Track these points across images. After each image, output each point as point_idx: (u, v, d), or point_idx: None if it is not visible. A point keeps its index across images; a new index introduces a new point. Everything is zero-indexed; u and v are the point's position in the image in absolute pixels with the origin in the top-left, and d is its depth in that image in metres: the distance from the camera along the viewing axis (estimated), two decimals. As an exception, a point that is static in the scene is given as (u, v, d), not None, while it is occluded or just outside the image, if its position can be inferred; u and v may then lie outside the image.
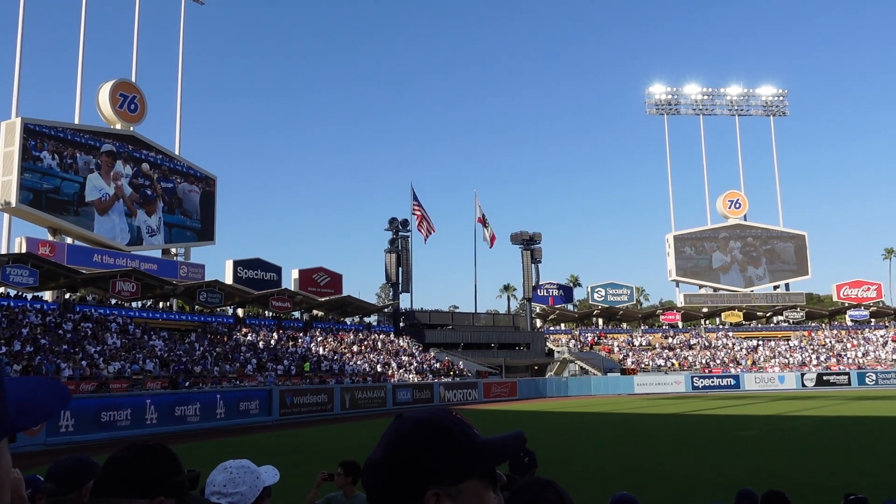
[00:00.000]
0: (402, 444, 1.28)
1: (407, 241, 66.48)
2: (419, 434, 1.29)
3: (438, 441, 1.28)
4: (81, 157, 46.48)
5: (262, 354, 45.82)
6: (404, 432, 1.30)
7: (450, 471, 1.26)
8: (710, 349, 69.28)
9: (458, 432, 1.30)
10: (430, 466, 1.26)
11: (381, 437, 1.33)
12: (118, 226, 49.00)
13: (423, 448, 1.27)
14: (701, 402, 45.62)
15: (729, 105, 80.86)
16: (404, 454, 1.27)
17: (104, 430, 27.78)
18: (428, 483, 1.25)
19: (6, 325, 35.31)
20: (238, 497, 2.51)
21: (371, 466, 1.30)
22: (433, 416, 1.33)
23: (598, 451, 21.34)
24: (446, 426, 1.30)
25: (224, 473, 2.57)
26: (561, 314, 76.86)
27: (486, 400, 50.54)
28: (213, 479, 2.58)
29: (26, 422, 0.83)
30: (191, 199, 54.44)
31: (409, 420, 1.33)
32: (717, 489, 13.57)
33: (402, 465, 1.26)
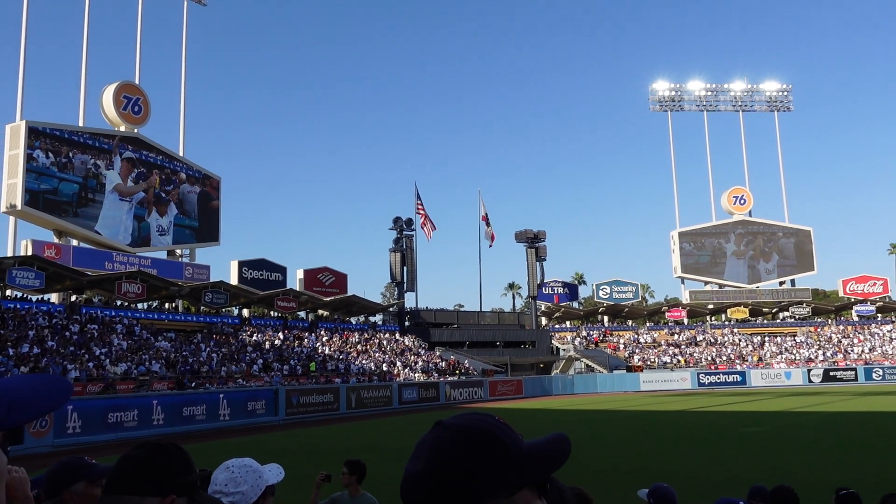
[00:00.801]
0: (450, 455, 1.18)
1: (411, 240, 66.54)
2: (468, 444, 1.19)
3: (490, 452, 1.18)
4: (78, 157, 46.43)
5: (268, 354, 45.90)
6: (452, 442, 1.19)
7: (504, 483, 1.18)
8: (715, 346, 69.16)
9: (508, 440, 1.21)
10: (484, 479, 1.16)
11: (420, 447, 1.22)
12: (123, 224, 49.00)
13: (475, 460, 1.17)
14: (707, 399, 45.55)
15: (733, 101, 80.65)
16: (455, 467, 1.16)
17: (111, 430, 27.89)
18: (481, 497, 1.15)
19: (13, 327, 35.44)
20: (239, 496, 2.51)
21: (414, 480, 1.19)
22: (479, 423, 1.23)
23: (604, 449, 21.31)
24: (495, 434, 1.21)
25: (226, 472, 2.57)
26: (566, 312, 76.82)
27: (491, 398, 50.55)
28: (215, 478, 2.58)
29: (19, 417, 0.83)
30: (191, 200, 54.49)
31: (455, 427, 1.22)
32: (723, 486, 13.55)
33: (452, 478, 1.16)
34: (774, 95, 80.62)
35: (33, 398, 0.87)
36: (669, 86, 79.96)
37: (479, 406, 45.06)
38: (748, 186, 79.34)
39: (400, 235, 66.15)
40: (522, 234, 71.69)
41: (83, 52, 49.60)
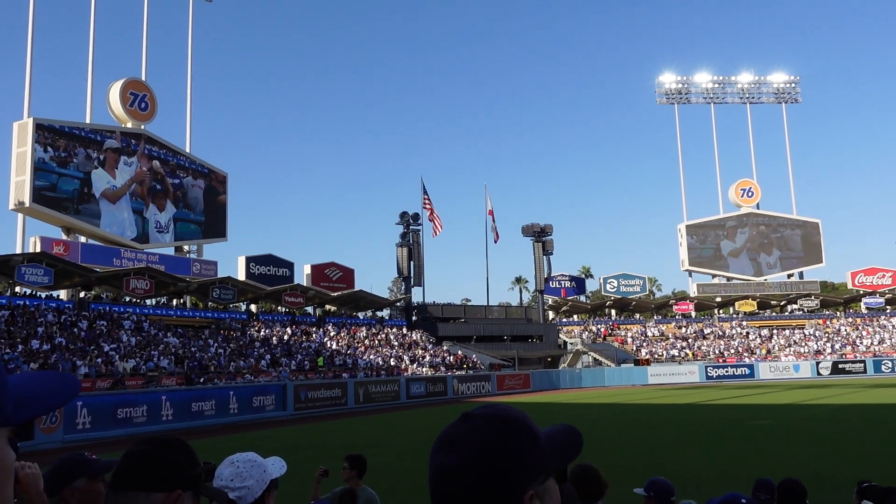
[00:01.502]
0: (492, 444, 1.18)
1: (418, 235, 66.57)
2: (511, 432, 1.20)
3: (527, 438, 1.21)
4: (82, 152, 46.40)
5: (276, 350, 46.04)
6: (494, 431, 1.20)
7: (541, 470, 1.21)
8: (723, 339, 69.01)
9: (536, 428, 1.25)
10: (526, 467, 1.18)
11: (450, 438, 1.21)
12: (127, 220, 48.98)
13: (519, 447, 1.19)
14: (715, 392, 45.47)
15: (740, 93, 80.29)
16: (499, 455, 1.17)
17: (121, 426, 28.03)
18: (525, 484, 1.17)
19: (23, 323, 35.64)
20: (245, 491, 2.51)
21: (453, 473, 1.17)
22: (510, 411, 1.25)
23: (612, 443, 21.31)
24: (529, 423, 1.24)
25: (231, 468, 2.57)
26: (573, 306, 76.77)
27: (499, 392, 50.59)
28: (220, 474, 2.58)
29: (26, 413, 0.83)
30: (196, 194, 54.47)
31: (496, 418, 1.23)
32: (731, 479, 13.53)
33: (500, 467, 1.16)
34: (782, 87, 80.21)
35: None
36: (676, 78, 79.65)
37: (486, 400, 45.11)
38: (756, 179, 79.07)
39: (406, 230, 66.19)
40: (529, 228, 71.62)
41: (90, 50, 49.72)
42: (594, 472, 4.28)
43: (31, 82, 46.16)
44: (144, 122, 50.88)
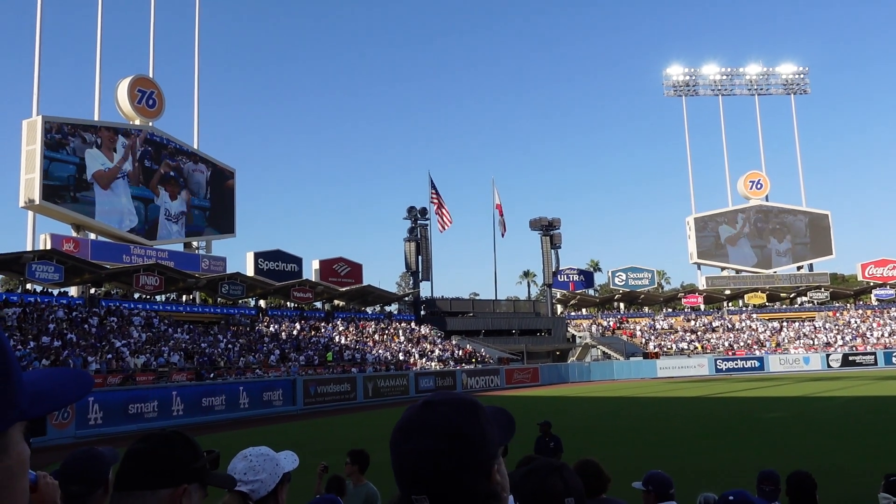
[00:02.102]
0: (463, 427, 1.26)
1: (426, 229, 66.59)
2: (471, 413, 1.29)
3: (486, 422, 1.30)
4: (78, 136, 46.03)
5: (285, 345, 46.19)
6: (463, 414, 1.28)
7: (499, 445, 1.32)
8: (733, 331, 68.81)
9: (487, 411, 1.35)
10: (492, 443, 1.29)
11: (419, 427, 1.27)
12: (125, 208, 48.30)
13: (482, 426, 1.28)
14: (725, 385, 45.38)
15: (748, 84, 79.88)
16: (468, 438, 1.25)
17: (132, 421, 28.21)
18: (493, 459, 1.28)
19: (34, 320, 35.86)
20: (258, 484, 2.53)
21: (429, 456, 1.23)
22: (468, 398, 1.35)
23: (621, 436, 21.32)
24: (482, 406, 1.34)
25: (244, 461, 2.59)
26: (582, 299, 76.67)
27: (508, 386, 50.62)
28: (233, 468, 2.60)
29: (41, 409, 0.85)
30: (199, 179, 54.18)
31: (453, 403, 1.31)
32: (741, 472, 13.52)
33: (474, 446, 1.25)
34: (790, 78, 79.75)
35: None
36: (684, 70, 79.30)
37: (497, 394, 45.15)
38: (764, 171, 78.69)
39: (414, 225, 66.22)
40: (537, 221, 71.53)
41: (97, 47, 49.88)
42: (596, 467, 4.31)
43: (40, 80, 46.36)
44: (152, 118, 51.03)
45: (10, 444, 0.81)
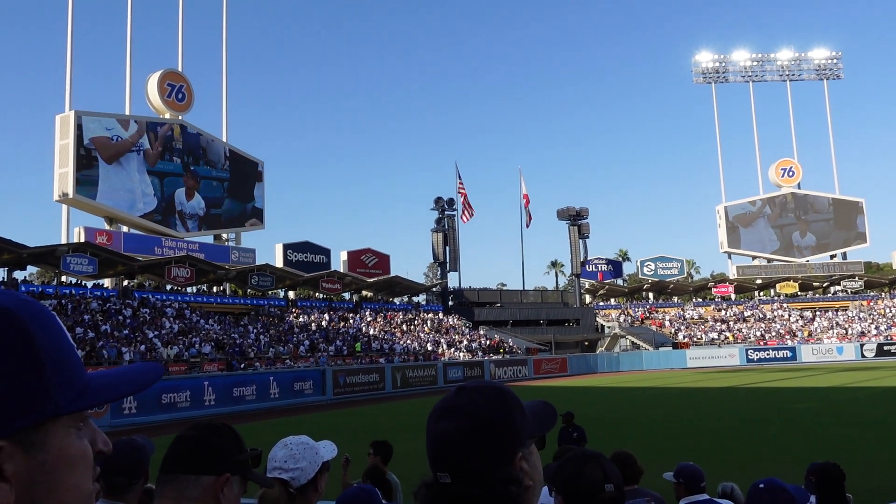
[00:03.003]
0: (492, 412, 1.31)
1: (453, 220, 66.59)
2: (503, 401, 1.34)
3: (518, 407, 1.35)
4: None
5: (314, 335, 46.59)
6: (490, 400, 1.33)
7: (527, 435, 1.35)
8: (764, 321, 67.98)
9: (521, 401, 1.39)
10: (519, 431, 1.33)
11: (448, 409, 1.34)
12: (138, 189, 47.52)
13: (511, 414, 1.33)
14: (756, 375, 44.90)
15: (780, 70, 78.53)
16: (496, 421, 1.31)
17: (165, 411, 28.68)
18: (517, 447, 1.32)
19: (70, 311, 36.57)
20: (298, 472, 2.59)
21: (455, 437, 1.30)
22: (498, 384, 1.39)
23: (651, 426, 21.22)
24: (515, 395, 1.37)
25: (284, 450, 2.65)
26: (610, 289, 76.23)
27: (536, 377, 50.59)
28: (273, 455, 2.65)
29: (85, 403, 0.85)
30: (217, 149, 54.07)
31: (484, 389, 1.36)
32: (774, 463, 13.41)
33: (495, 432, 1.30)
34: (823, 63, 78.24)
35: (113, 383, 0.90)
36: (713, 57, 78.20)
37: (525, 384, 45.15)
38: (796, 158, 77.41)
39: (442, 216, 66.26)
40: (564, 211, 71.18)
41: (127, 42, 50.50)
42: (630, 458, 4.34)
43: (72, 76, 47.09)
44: (182, 112, 51.58)
45: (47, 438, 0.81)
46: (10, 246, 37.81)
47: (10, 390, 0.77)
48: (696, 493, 4.83)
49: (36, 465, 0.79)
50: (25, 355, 0.79)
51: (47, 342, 0.82)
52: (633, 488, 4.20)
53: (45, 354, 0.81)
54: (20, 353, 0.79)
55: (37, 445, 0.80)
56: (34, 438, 0.79)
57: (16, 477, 0.77)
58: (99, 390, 0.87)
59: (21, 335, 0.80)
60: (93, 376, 0.88)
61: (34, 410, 0.79)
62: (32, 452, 0.79)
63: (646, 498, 4.06)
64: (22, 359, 0.79)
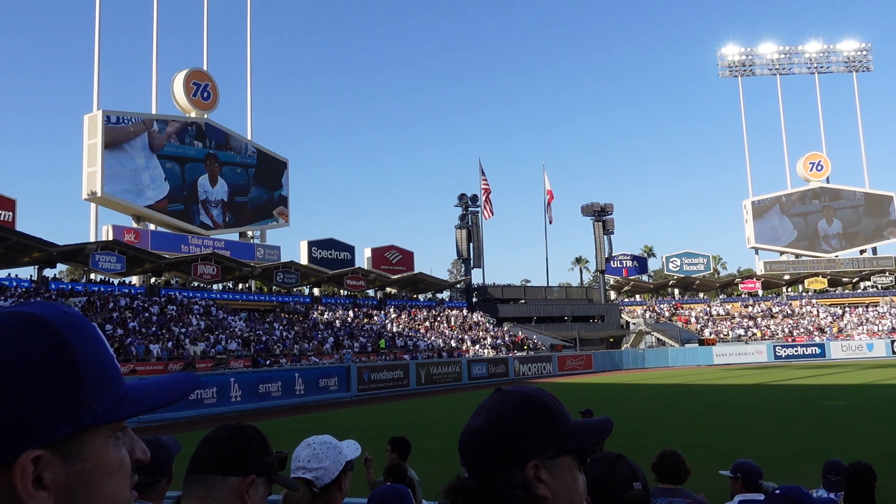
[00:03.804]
0: (507, 415, 1.35)
1: (477, 216, 66.52)
2: (523, 407, 1.36)
3: (540, 416, 1.36)
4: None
5: (339, 332, 46.81)
6: (509, 405, 1.37)
7: (549, 445, 1.34)
8: (792, 317, 67.12)
9: (556, 410, 1.38)
10: (532, 439, 1.33)
11: (480, 407, 1.40)
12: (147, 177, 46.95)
13: (527, 421, 1.34)
14: (784, 372, 44.36)
15: (808, 63, 77.40)
16: (508, 425, 1.34)
17: (193, 407, 28.94)
18: (529, 454, 1.32)
19: (98, 308, 37.09)
20: (322, 472, 2.59)
21: (472, 433, 1.36)
22: (534, 392, 1.40)
23: (677, 424, 21.05)
24: (546, 403, 1.38)
25: (308, 449, 2.65)
26: (635, 285, 75.73)
27: (560, 373, 50.38)
28: (297, 455, 2.66)
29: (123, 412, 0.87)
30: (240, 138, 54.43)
31: (514, 394, 1.39)
32: (800, 462, 13.24)
33: (504, 434, 1.33)
34: (852, 55, 76.97)
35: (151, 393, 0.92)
36: (740, 50, 77.27)
37: (549, 381, 45.01)
38: (825, 152, 76.29)
39: (465, 212, 66.21)
40: (589, 207, 70.81)
41: (154, 42, 51.08)
42: (679, 458, 4.34)
43: (100, 77, 47.77)
44: (207, 111, 52.04)
45: (85, 447, 0.82)
46: (40, 244, 38.43)
47: (48, 400, 0.78)
48: (754, 490, 4.77)
49: (74, 474, 0.81)
50: (63, 365, 0.81)
51: (86, 353, 0.83)
52: (676, 488, 4.16)
53: (84, 365, 0.83)
54: (58, 364, 0.81)
55: (75, 454, 0.81)
56: (72, 447, 0.81)
57: (54, 485, 0.79)
58: (136, 400, 0.89)
59: (59, 345, 0.81)
60: (131, 386, 0.91)
61: (72, 420, 0.81)
62: (70, 461, 0.81)
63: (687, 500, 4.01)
64: (60, 369, 0.81)
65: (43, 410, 0.78)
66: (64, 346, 0.82)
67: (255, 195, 54.94)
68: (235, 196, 53.30)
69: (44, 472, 0.78)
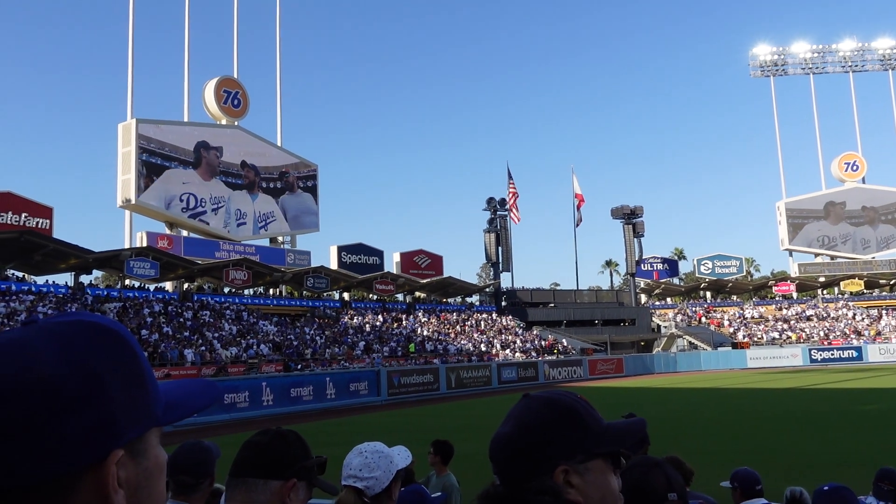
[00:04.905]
0: (533, 421, 1.35)
1: (505, 220, 66.40)
2: (550, 413, 1.35)
3: (568, 421, 1.35)
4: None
5: (369, 336, 47.00)
6: (536, 410, 1.36)
7: (578, 450, 1.33)
8: (828, 320, 65.95)
9: (586, 413, 1.37)
10: (560, 444, 1.33)
11: (509, 414, 1.40)
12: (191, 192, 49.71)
13: (554, 426, 1.34)
14: (820, 376, 43.60)
15: (842, 61, 76.10)
16: (536, 431, 1.33)
17: (226, 411, 29.25)
18: (557, 460, 1.32)
19: (133, 314, 37.67)
20: (373, 481, 2.54)
21: (500, 440, 1.36)
22: (562, 396, 1.40)
23: (710, 428, 20.78)
24: (574, 407, 1.37)
25: (360, 457, 2.61)
26: (666, 288, 74.99)
27: (591, 377, 50.05)
28: (349, 463, 2.62)
29: (174, 416, 0.95)
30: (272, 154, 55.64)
31: (540, 399, 1.39)
32: (838, 467, 13.00)
33: (533, 440, 1.33)
34: (888, 53, 75.48)
35: (186, 399, 0.99)
36: (772, 49, 76.26)
37: (580, 385, 44.73)
38: (860, 152, 74.89)
39: (494, 216, 66.11)
40: (619, 210, 70.29)
41: (185, 51, 51.86)
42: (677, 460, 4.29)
43: (133, 86, 48.59)
44: (237, 118, 52.68)
45: (147, 448, 0.89)
46: (77, 251, 39.20)
47: (126, 403, 0.85)
48: (753, 496, 4.73)
49: (141, 472, 0.88)
50: (136, 371, 0.88)
51: (145, 359, 0.92)
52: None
53: (147, 370, 0.91)
54: (131, 369, 0.88)
55: (141, 453, 0.88)
56: (139, 447, 0.88)
57: (126, 483, 0.85)
58: (178, 405, 0.96)
59: (130, 353, 0.89)
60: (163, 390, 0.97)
61: (142, 422, 0.88)
62: (138, 460, 0.88)
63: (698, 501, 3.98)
64: (133, 375, 0.88)
65: (123, 413, 0.84)
66: (133, 353, 0.89)
67: (285, 202, 55.46)
68: (266, 202, 53.91)
69: (120, 470, 0.84)
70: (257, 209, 53.25)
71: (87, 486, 0.81)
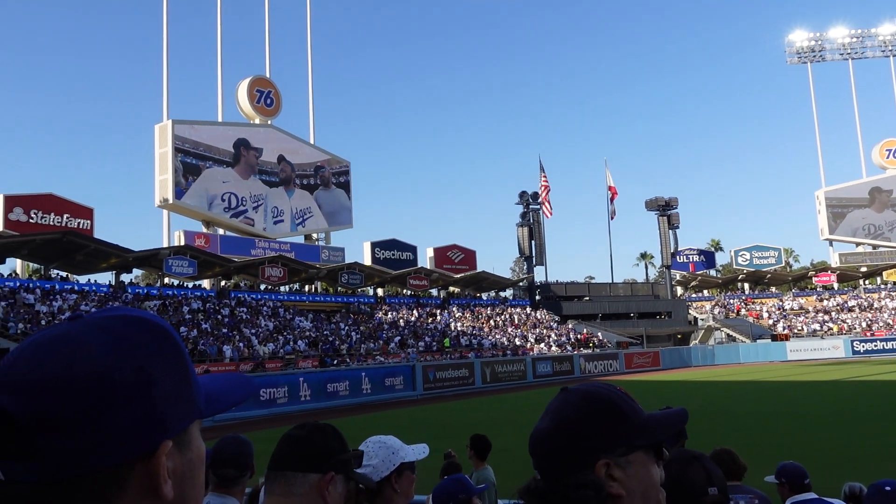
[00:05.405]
0: (572, 415, 1.33)
1: (538, 214, 66.06)
2: (589, 406, 1.34)
3: (607, 414, 1.33)
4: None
5: (404, 331, 47.18)
6: (573, 404, 1.35)
7: (618, 442, 1.31)
8: (871, 311, 64.53)
9: (626, 406, 1.35)
10: (600, 438, 1.31)
11: (547, 408, 1.38)
12: (228, 191, 50.60)
13: (594, 420, 1.32)
14: (863, 368, 42.71)
15: (882, 45, 74.24)
16: (575, 425, 1.32)
17: (264, 406, 29.61)
18: (597, 453, 1.30)
19: (172, 311, 38.30)
20: (370, 469, 2.59)
21: (539, 436, 1.35)
22: (600, 389, 1.38)
23: (749, 422, 20.48)
24: (613, 400, 1.35)
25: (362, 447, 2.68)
26: (703, 280, 74.03)
27: (627, 371, 49.65)
28: None
29: (214, 408, 0.97)
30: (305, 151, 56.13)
31: (578, 393, 1.37)
32: (885, 461, 12.73)
33: (572, 435, 1.31)
34: (931, 35, 73.49)
35: (224, 392, 1.01)
36: (809, 35, 74.70)
37: (616, 378, 44.40)
38: (903, 138, 73.05)
39: (526, 210, 65.83)
40: (653, 201, 69.52)
41: (218, 51, 52.46)
42: (732, 455, 4.23)
43: (168, 86, 49.31)
44: (270, 117, 53.19)
45: (191, 439, 0.92)
46: (117, 250, 40.00)
47: (174, 395, 0.87)
48: (802, 490, 4.62)
49: (186, 462, 0.91)
50: (182, 364, 0.91)
51: (188, 354, 0.94)
52: (736, 485, 4.05)
53: (190, 364, 0.93)
54: (177, 363, 0.90)
55: (186, 444, 0.91)
56: (184, 439, 0.90)
57: (173, 473, 0.87)
58: (217, 398, 0.99)
59: (175, 346, 0.91)
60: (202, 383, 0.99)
61: (188, 414, 0.91)
62: (184, 451, 0.90)
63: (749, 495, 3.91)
64: (179, 368, 0.90)
65: (171, 406, 0.87)
66: (177, 347, 0.91)
67: (319, 198, 55.93)
68: (302, 197, 54.43)
69: (168, 461, 0.86)
70: (294, 205, 53.73)
71: (138, 477, 0.84)
